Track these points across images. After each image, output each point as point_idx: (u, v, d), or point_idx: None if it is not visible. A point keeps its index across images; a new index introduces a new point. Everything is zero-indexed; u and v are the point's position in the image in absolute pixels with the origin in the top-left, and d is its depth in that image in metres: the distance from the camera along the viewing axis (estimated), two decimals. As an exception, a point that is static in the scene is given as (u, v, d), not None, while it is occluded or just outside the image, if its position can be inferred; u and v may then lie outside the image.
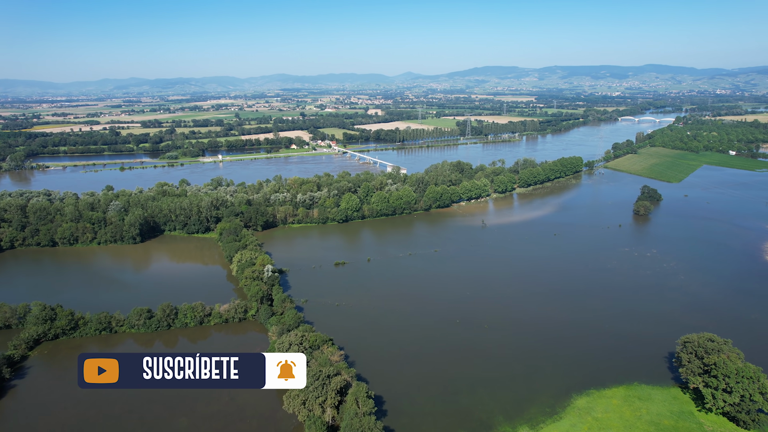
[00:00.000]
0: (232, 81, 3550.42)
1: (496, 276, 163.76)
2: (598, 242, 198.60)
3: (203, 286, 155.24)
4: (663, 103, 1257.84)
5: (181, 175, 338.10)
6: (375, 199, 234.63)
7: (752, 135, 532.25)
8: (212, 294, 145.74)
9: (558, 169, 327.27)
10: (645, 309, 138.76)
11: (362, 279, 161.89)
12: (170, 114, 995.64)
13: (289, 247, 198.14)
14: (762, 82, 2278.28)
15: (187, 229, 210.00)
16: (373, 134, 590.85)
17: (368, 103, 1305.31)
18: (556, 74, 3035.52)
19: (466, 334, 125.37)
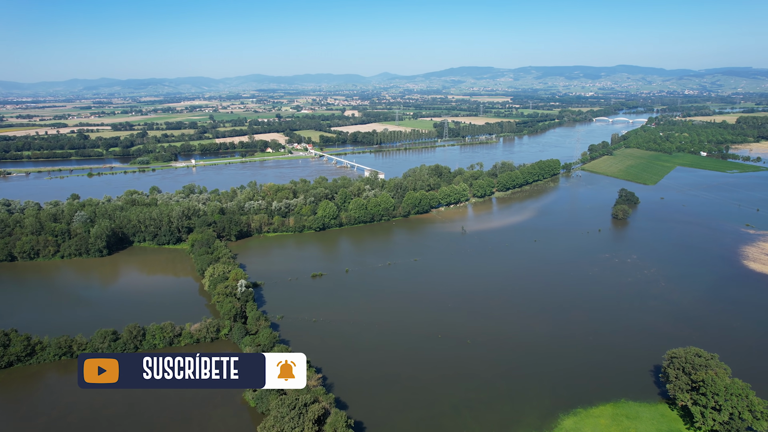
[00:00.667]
0: (207, 81, 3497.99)
1: (477, 286, 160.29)
2: (579, 248, 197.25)
3: (174, 302, 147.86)
4: (635, 104, 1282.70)
5: (153, 181, 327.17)
6: (352, 206, 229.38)
7: (721, 136, 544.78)
8: (183, 311, 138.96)
9: (536, 172, 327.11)
10: (628, 319, 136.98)
11: (340, 291, 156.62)
12: (142, 116, 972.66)
13: (264, 257, 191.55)
14: (726, 82, 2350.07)
15: (158, 240, 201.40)
16: (350, 137, 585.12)
17: (345, 104, 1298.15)
18: (531, 74, 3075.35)
19: (449, 350, 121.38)
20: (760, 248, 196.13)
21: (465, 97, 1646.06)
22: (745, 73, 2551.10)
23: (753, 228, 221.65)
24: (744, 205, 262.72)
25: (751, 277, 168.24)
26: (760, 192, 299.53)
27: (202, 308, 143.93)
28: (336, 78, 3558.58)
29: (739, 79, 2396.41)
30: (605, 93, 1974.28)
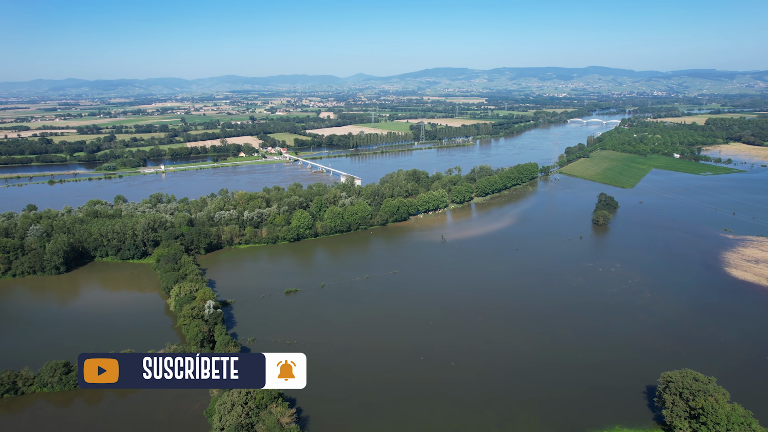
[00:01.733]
0: (179, 83, 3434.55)
1: (459, 301, 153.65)
2: (561, 257, 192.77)
3: (137, 325, 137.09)
4: (607, 105, 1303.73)
5: (119, 189, 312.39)
6: (328, 215, 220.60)
7: (692, 137, 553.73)
8: (147, 335, 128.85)
9: (514, 176, 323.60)
10: (616, 334, 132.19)
11: (316, 309, 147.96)
12: (111, 119, 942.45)
13: (235, 272, 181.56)
14: (692, 84, 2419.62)
15: (121, 254, 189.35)
16: (325, 140, 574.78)
17: (320, 106, 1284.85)
18: (505, 75, 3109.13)
19: (433, 374, 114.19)
20: (740, 254, 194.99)
21: (440, 98, 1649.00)
22: (709, 75, 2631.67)
23: (731, 233, 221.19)
24: (720, 209, 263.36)
25: (733, 285, 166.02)
26: (734, 195, 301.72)
27: (167, 331, 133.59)
28: (311, 79, 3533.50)
29: (704, 81, 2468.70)
30: (578, 94, 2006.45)
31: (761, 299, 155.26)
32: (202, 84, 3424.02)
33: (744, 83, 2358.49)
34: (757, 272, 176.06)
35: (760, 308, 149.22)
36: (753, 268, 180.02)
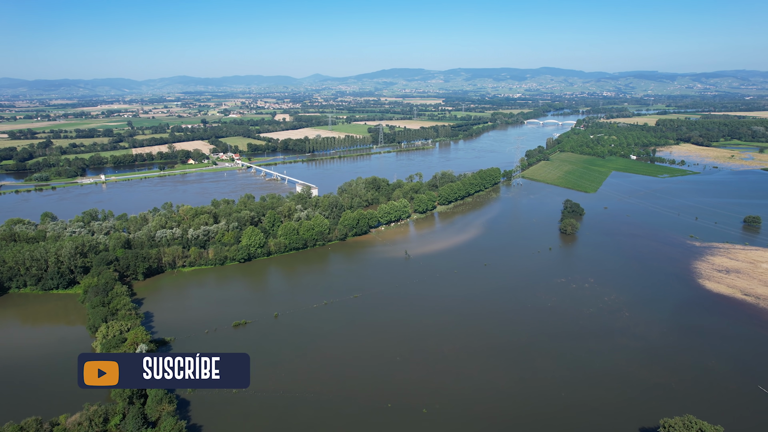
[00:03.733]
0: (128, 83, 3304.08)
1: (428, 328, 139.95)
2: (532, 272, 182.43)
3: (54, 377, 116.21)
4: (561, 105, 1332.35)
5: (49, 204, 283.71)
6: (282, 232, 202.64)
7: (646, 139, 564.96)
8: (58, 392, 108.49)
9: (477, 182, 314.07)
10: (599, 364, 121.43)
11: (267, 346, 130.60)
12: (50, 122, 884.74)
13: (177, 302, 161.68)
14: (638, 85, 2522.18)
15: (43, 284, 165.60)
16: (280, 144, 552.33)
17: (276, 107, 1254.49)
18: (461, 76, 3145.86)
19: (402, 425, 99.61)
20: (710, 263, 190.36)
21: (398, 99, 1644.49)
22: (652, 77, 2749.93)
23: (697, 239, 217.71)
24: (683, 214, 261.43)
25: (709, 300, 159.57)
26: (693, 198, 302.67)
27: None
28: (266, 80, 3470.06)
29: (648, 82, 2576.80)
30: (532, 94, 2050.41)
31: (739, 314, 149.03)
32: (152, 85, 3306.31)
33: (684, 84, 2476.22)
34: (730, 284, 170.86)
35: (739, 325, 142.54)
36: (725, 279, 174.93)
